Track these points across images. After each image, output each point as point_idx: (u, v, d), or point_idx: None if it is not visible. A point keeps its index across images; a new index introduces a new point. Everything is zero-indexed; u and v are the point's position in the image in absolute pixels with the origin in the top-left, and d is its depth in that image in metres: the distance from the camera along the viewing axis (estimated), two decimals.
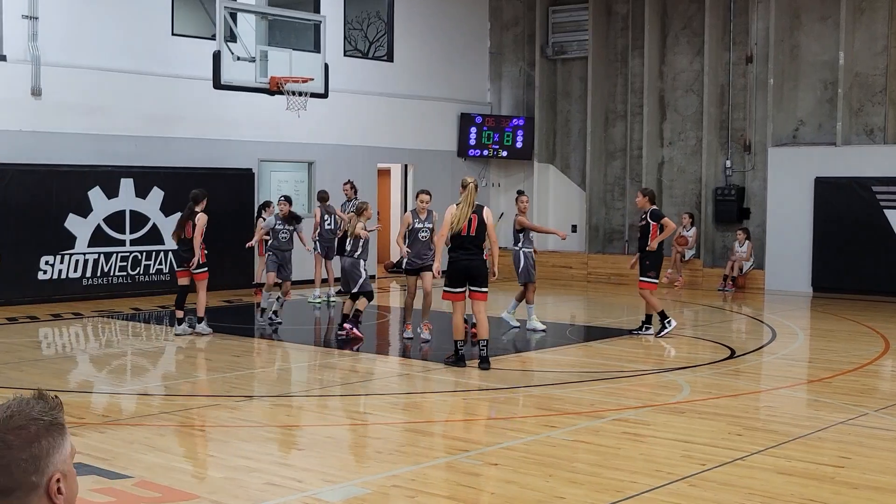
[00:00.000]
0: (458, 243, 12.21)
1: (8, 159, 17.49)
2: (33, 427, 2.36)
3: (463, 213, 12.13)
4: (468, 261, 12.18)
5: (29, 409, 2.39)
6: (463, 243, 12.18)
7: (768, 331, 16.01)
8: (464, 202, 12.24)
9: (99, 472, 7.40)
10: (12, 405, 2.40)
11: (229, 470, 7.69)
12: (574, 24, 24.87)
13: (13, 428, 2.35)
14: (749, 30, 22.49)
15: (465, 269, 12.18)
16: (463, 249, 12.19)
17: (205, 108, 19.84)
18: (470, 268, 12.18)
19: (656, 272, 15.01)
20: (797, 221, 21.15)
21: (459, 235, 12.17)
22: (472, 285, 12.23)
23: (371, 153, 23.05)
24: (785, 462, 7.94)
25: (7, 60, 17.55)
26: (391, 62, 23.70)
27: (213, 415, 9.67)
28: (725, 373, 12.19)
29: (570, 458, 8.07)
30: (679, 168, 23.67)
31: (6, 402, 2.41)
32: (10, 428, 2.35)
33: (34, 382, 11.28)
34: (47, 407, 2.42)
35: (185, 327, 14.57)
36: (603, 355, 13.82)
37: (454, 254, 12.25)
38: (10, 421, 2.36)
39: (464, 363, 12.16)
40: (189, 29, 20.30)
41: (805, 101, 21.74)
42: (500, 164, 25.91)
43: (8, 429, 2.35)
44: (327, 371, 12.65)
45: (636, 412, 9.84)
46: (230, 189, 20.31)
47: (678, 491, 7.16)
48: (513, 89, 26.12)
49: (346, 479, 7.47)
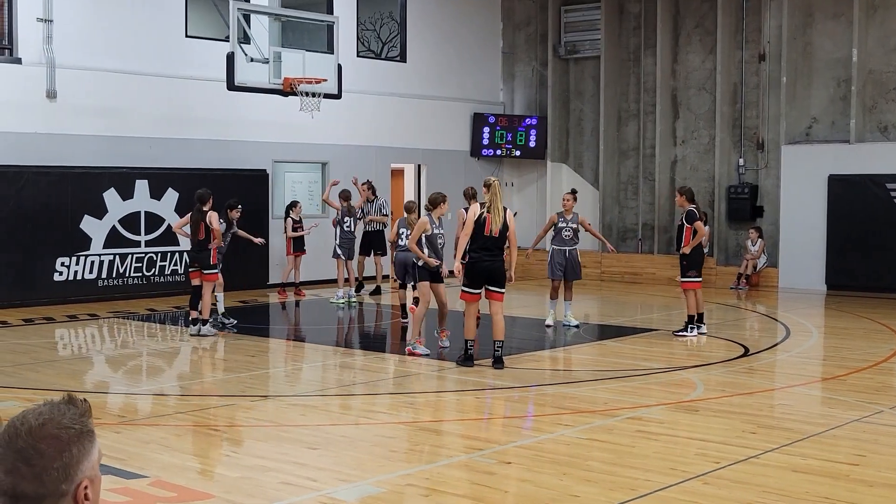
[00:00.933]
0: (481, 244, 12.14)
1: (24, 161, 17.57)
2: (65, 435, 2.37)
3: (499, 215, 12.08)
4: (490, 262, 12.14)
5: (60, 417, 2.40)
6: (486, 244, 12.13)
7: (782, 328, 16.00)
8: (494, 203, 12.17)
9: (115, 472, 7.44)
10: (44, 412, 2.41)
11: (244, 469, 7.73)
12: (586, 24, 24.86)
13: (45, 436, 2.36)
14: (762, 28, 22.45)
15: (488, 270, 12.15)
16: (486, 250, 12.15)
17: (219, 110, 19.90)
18: (492, 269, 12.16)
19: (697, 271, 14.88)
20: (811, 219, 21.11)
21: (483, 236, 12.10)
22: (491, 286, 12.22)
23: (384, 153, 23.08)
24: (800, 460, 7.95)
25: (22, 63, 17.64)
26: (404, 63, 23.73)
27: (229, 415, 9.72)
28: (739, 371, 12.18)
29: (585, 456, 8.08)
30: (692, 167, 23.64)
31: (37, 406, 2.42)
32: (42, 436, 2.36)
33: (51, 383, 11.34)
34: (77, 413, 2.43)
35: (209, 328, 14.60)
36: (617, 354, 13.83)
37: (476, 255, 12.18)
38: (42, 429, 2.37)
39: (472, 363, 12.16)
40: (203, 31, 20.36)
41: (818, 98, 21.69)
42: (513, 164, 25.92)
43: (40, 437, 2.36)
44: (342, 371, 12.68)
45: (650, 410, 9.84)
46: (244, 190, 20.33)
47: (692, 489, 7.17)
48: (525, 89, 26.12)
49: (360, 479, 7.50)
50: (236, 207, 16.18)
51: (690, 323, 14.78)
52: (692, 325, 14.73)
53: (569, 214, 15.99)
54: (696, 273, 14.86)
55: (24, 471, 2.33)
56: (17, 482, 2.34)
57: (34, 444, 2.34)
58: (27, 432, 2.36)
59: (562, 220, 15.98)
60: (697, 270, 14.91)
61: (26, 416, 2.41)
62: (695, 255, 14.88)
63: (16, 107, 17.58)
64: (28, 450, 2.34)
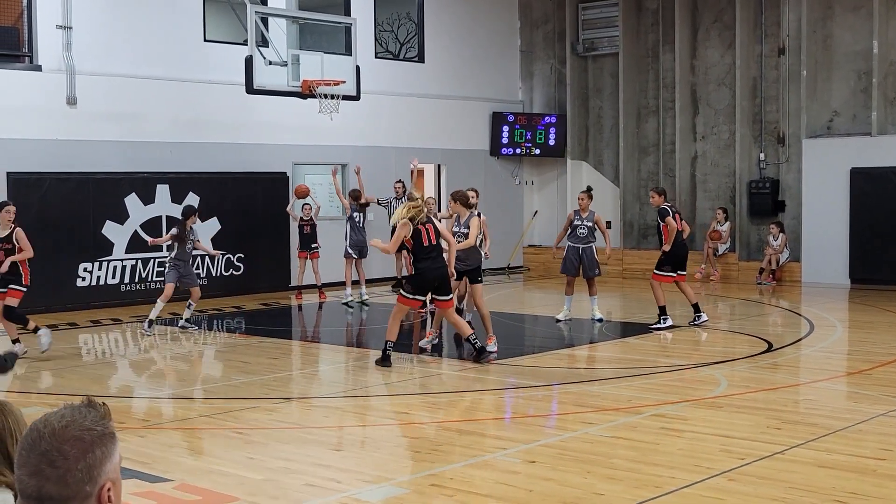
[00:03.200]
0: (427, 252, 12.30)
1: (45, 168, 17.66)
2: (88, 437, 2.39)
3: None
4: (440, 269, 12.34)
5: (82, 419, 2.42)
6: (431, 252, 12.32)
7: (806, 323, 15.92)
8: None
9: (139, 476, 7.47)
10: (66, 414, 2.43)
11: (269, 472, 7.74)
12: (604, 21, 24.82)
13: (69, 438, 2.38)
14: (781, 21, 22.34)
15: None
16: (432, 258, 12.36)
17: (238, 113, 19.94)
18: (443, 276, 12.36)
19: (672, 266, 15.24)
20: (833, 213, 21.00)
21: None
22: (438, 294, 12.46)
23: (404, 154, 23.04)
24: (825, 455, 7.90)
25: (42, 70, 17.73)
26: (422, 63, 23.73)
27: (252, 417, 9.74)
28: (763, 366, 12.13)
29: (609, 454, 8.06)
30: (712, 162, 23.56)
31: (58, 410, 2.44)
32: (66, 438, 2.38)
33: (76, 388, 11.39)
34: (98, 416, 2.45)
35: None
36: (640, 351, 13.79)
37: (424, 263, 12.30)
38: (65, 431, 2.39)
39: (390, 363, 12.22)
40: (221, 35, 20.42)
41: (839, 91, 21.58)
42: (532, 162, 25.89)
43: (64, 439, 2.38)
44: (364, 372, 12.68)
45: (674, 407, 9.81)
46: (265, 193, 20.43)
47: (717, 486, 7.14)
48: (544, 87, 26.09)
49: (384, 480, 7.50)
50: (193, 214, 15.68)
51: (662, 314, 15.13)
52: (664, 315, 15.11)
53: (584, 213, 16.19)
54: (671, 268, 15.23)
55: (49, 473, 2.35)
56: (41, 484, 2.36)
57: (58, 446, 2.36)
58: (51, 434, 2.37)
59: (577, 217, 16.18)
60: (672, 266, 15.24)
61: (49, 418, 2.42)
62: (672, 251, 15.18)
63: (37, 114, 17.67)
64: (52, 452, 2.36)
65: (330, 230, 20.50)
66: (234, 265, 20.08)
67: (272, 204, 20.48)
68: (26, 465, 2.38)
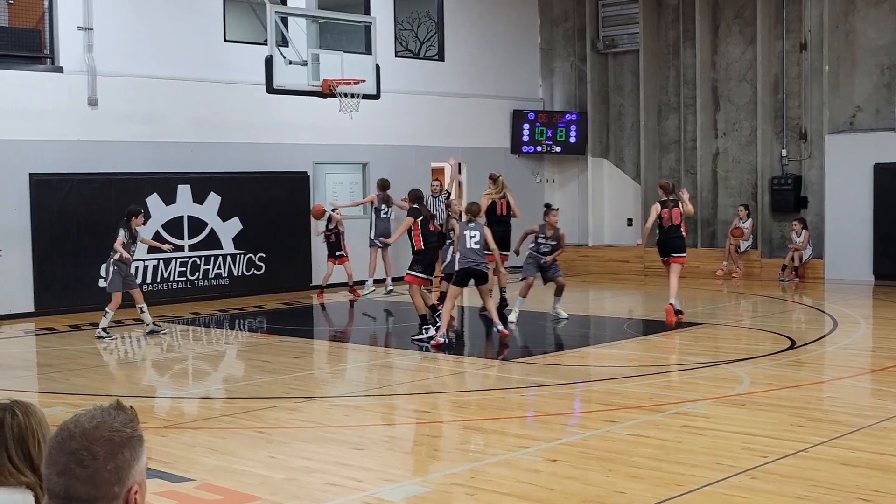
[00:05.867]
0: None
1: (67, 169, 17.74)
2: (117, 438, 2.40)
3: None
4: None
5: (112, 420, 2.43)
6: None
7: (829, 320, 15.82)
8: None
9: (161, 476, 7.49)
10: (96, 415, 2.44)
11: (290, 471, 7.75)
12: (624, 18, 24.75)
13: (99, 439, 2.38)
14: (802, 17, 22.21)
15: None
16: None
17: (258, 113, 19.98)
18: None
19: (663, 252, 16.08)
20: (856, 209, 20.86)
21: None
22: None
23: (424, 152, 23.08)
24: (849, 453, 7.85)
25: (64, 72, 17.81)
26: (442, 61, 23.72)
27: (273, 416, 9.75)
28: (786, 363, 12.06)
29: (630, 452, 8.03)
30: (734, 158, 23.45)
31: (88, 411, 2.45)
32: (96, 438, 2.38)
33: (98, 388, 11.45)
34: (127, 419, 2.46)
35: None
36: (661, 349, 13.75)
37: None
38: (96, 431, 2.40)
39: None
40: (241, 35, 20.46)
41: (862, 86, 21.44)
42: (553, 160, 25.84)
43: (94, 439, 2.38)
44: (385, 371, 12.69)
45: (696, 405, 9.77)
46: (286, 192, 20.46)
47: (740, 484, 7.11)
48: (564, 84, 26.03)
49: (406, 479, 7.50)
50: (138, 214, 15.26)
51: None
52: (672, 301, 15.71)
53: (550, 230, 15.94)
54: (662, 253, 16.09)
55: (78, 472, 2.36)
56: (70, 484, 2.37)
57: (88, 446, 2.37)
58: (81, 434, 2.38)
59: (542, 236, 15.97)
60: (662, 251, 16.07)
61: (79, 419, 2.43)
62: (660, 239, 16.08)
63: (58, 115, 17.75)
64: (82, 451, 2.37)
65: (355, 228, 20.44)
66: (255, 265, 20.11)
67: (293, 204, 20.51)
68: (55, 464, 2.39)
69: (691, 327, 15.15)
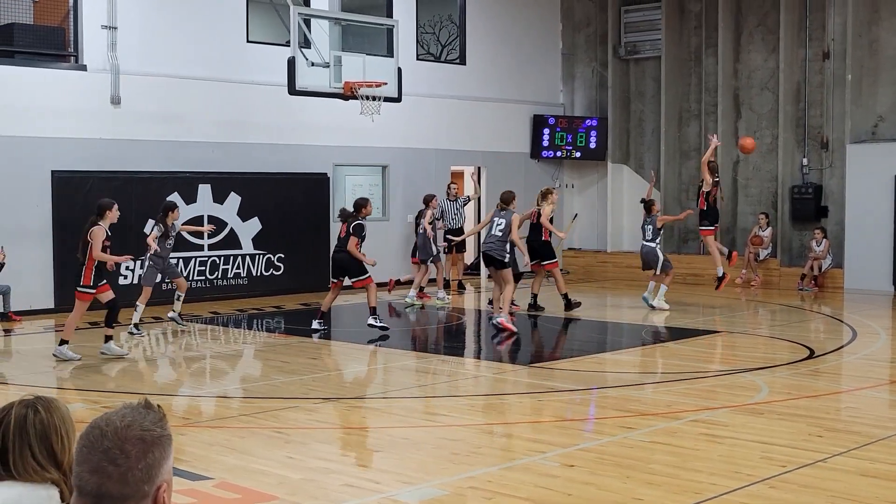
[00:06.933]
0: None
1: (89, 167, 17.83)
2: (148, 437, 2.43)
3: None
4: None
5: (142, 420, 2.45)
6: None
7: (848, 330, 15.76)
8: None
9: (180, 474, 7.51)
10: (126, 414, 2.46)
11: (308, 471, 7.77)
12: (647, 24, 24.71)
13: (131, 438, 2.41)
14: (825, 25, 22.15)
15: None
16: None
17: (280, 114, 20.04)
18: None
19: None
20: (877, 219, 20.78)
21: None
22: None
23: (444, 156, 23.11)
24: (868, 464, 7.82)
25: (87, 70, 17.90)
26: (463, 65, 23.74)
27: (292, 417, 9.78)
28: (805, 373, 12.03)
29: (648, 459, 8.02)
30: (755, 167, 23.39)
31: (118, 409, 2.48)
32: (128, 437, 2.41)
33: (117, 385, 11.50)
34: (157, 417, 2.48)
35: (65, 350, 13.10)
36: (679, 356, 13.72)
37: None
38: (128, 430, 2.42)
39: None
40: (264, 36, 20.52)
41: (885, 96, 21.35)
42: (573, 166, 25.82)
43: (126, 438, 2.41)
44: (404, 373, 12.71)
45: (714, 413, 9.75)
46: (305, 194, 20.52)
47: (758, 493, 7.09)
48: (586, 90, 26.02)
49: (423, 481, 7.51)
50: (174, 209, 15.51)
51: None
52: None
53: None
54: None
55: (111, 471, 2.38)
56: (102, 482, 2.39)
57: (120, 445, 2.39)
58: (113, 433, 2.41)
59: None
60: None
61: (110, 417, 2.46)
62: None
63: (81, 113, 17.84)
64: (114, 450, 2.39)
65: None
66: (274, 265, 20.17)
67: (312, 205, 20.57)
68: (87, 461, 2.41)
69: (710, 335, 15.10)
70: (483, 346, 15.44)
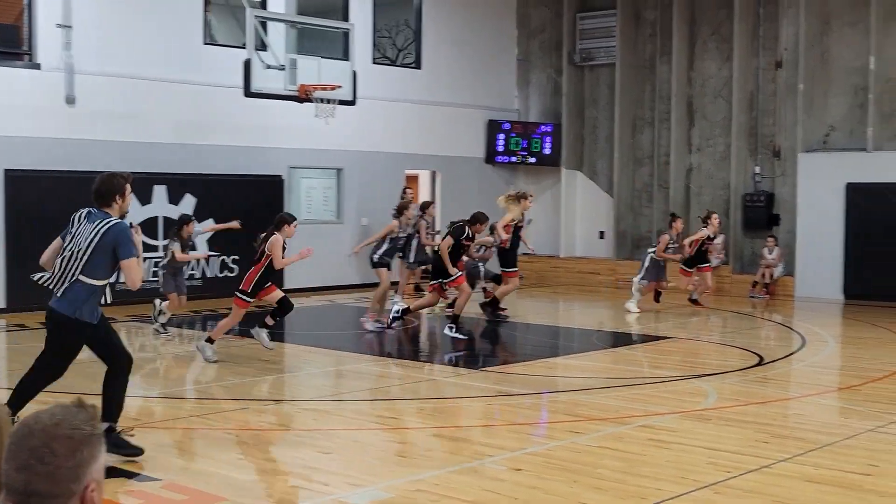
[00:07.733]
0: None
1: (43, 166, 17.68)
2: (77, 436, 2.43)
3: None
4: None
5: (72, 418, 2.46)
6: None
7: (798, 338, 15.95)
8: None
9: (128, 475, 7.49)
10: (57, 412, 2.47)
11: (257, 473, 7.77)
12: (602, 31, 24.87)
13: (59, 436, 2.42)
14: (778, 35, 22.40)
15: None
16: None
17: (235, 116, 19.98)
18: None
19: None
20: (828, 228, 21.04)
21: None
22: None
23: (399, 160, 23.13)
24: (812, 470, 7.93)
25: (41, 69, 17.76)
26: (419, 69, 23.78)
27: (242, 418, 9.76)
28: (753, 380, 12.16)
29: (595, 464, 8.08)
30: (707, 174, 23.61)
31: (49, 408, 2.48)
32: (56, 436, 2.41)
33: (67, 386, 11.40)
34: (88, 417, 2.49)
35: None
36: (630, 361, 13.83)
37: None
38: (56, 429, 2.43)
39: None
40: (220, 38, 20.45)
41: (836, 106, 21.63)
42: (528, 171, 25.93)
43: (54, 436, 2.41)
44: (354, 376, 12.71)
45: (662, 419, 9.84)
46: (260, 195, 20.45)
47: (703, 498, 7.17)
48: (540, 96, 26.15)
49: (371, 484, 7.53)
50: (189, 222, 15.68)
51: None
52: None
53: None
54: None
55: (38, 469, 2.39)
56: (29, 479, 2.40)
57: (48, 443, 2.39)
58: (41, 431, 2.41)
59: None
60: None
61: (39, 415, 2.46)
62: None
63: (35, 112, 17.69)
64: (42, 448, 2.40)
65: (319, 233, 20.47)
66: (228, 267, 20.10)
67: (267, 207, 20.46)
68: (15, 459, 2.42)
69: (661, 341, 15.23)
70: (437, 350, 15.47)
